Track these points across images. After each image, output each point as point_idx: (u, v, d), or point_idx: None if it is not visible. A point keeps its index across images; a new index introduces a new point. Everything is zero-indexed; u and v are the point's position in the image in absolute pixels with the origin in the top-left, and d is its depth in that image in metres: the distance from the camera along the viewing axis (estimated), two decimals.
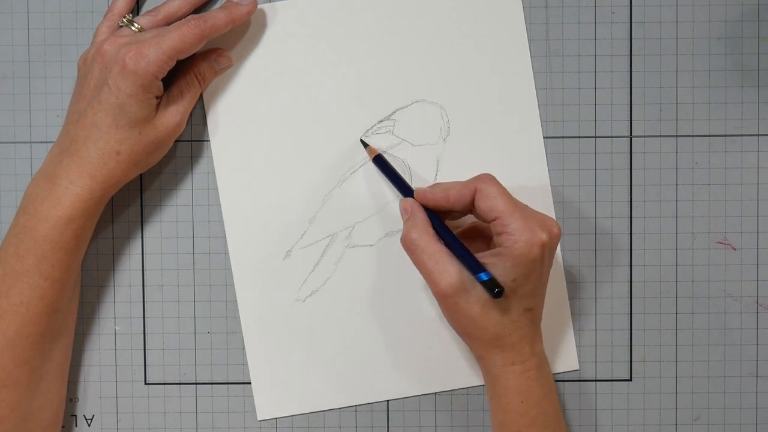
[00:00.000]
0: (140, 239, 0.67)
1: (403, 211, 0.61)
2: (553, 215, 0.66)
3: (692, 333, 0.67)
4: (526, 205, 0.60)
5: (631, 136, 0.66)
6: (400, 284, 0.66)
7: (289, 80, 0.66)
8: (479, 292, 0.58)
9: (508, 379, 0.60)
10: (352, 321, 0.66)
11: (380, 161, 0.64)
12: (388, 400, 0.67)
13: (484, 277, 0.56)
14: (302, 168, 0.66)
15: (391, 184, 0.64)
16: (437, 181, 0.65)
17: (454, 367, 0.66)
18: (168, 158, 0.66)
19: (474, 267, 0.57)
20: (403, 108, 0.66)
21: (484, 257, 0.58)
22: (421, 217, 0.60)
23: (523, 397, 0.59)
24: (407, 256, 0.59)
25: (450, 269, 0.58)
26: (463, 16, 0.66)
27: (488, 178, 0.59)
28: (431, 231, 0.59)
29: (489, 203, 0.58)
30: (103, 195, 0.60)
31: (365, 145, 0.65)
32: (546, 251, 0.58)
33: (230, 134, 0.66)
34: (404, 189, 0.63)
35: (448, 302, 0.58)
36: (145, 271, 0.67)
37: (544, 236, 0.57)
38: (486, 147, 0.66)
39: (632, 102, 0.66)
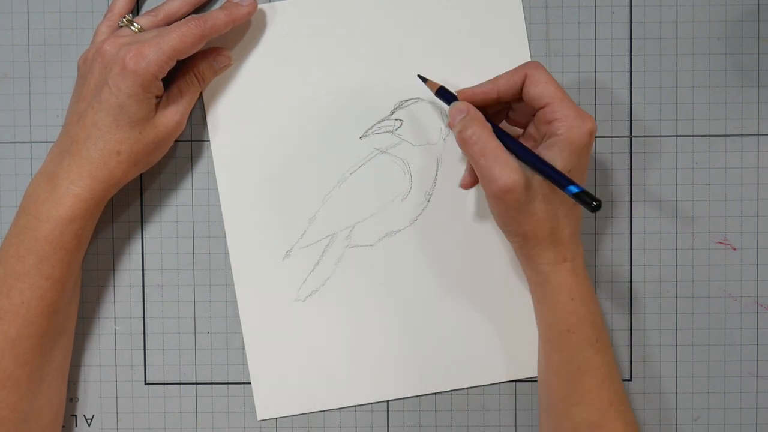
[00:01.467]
0: (140, 239, 0.67)
1: (458, 111, 0.59)
2: None
3: (692, 333, 0.67)
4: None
5: (631, 136, 0.66)
6: (400, 284, 0.66)
7: (289, 80, 0.66)
8: (539, 187, 0.57)
9: (560, 276, 0.59)
10: (352, 321, 0.66)
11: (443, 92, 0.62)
12: (388, 400, 0.67)
13: (575, 190, 0.54)
14: (302, 168, 0.66)
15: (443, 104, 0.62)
16: (437, 181, 0.65)
17: (454, 367, 0.66)
18: (168, 158, 0.66)
19: (564, 181, 0.55)
20: (403, 108, 0.66)
21: (540, 150, 0.57)
22: (477, 115, 0.58)
23: (574, 294, 0.59)
24: (407, 256, 0.58)
25: (511, 164, 0.56)
26: (463, 16, 0.66)
27: (537, 65, 0.58)
28: (489, 128, 0.58)
29: (540, 89, 0.57)
30: (103, 195, 0.60)
31: (424, 80, 0.63)
32: (592, 140, 0.57)
33: (230, 134, 0.66)
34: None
35: (508, 198, 0.56)
36: (145, 271, 0.67)
37: (592, 125, 0.57)
38: None
39: (632, 102, 0.66)
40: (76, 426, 0.67)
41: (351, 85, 0.66)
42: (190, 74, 0.63)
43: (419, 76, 0.64)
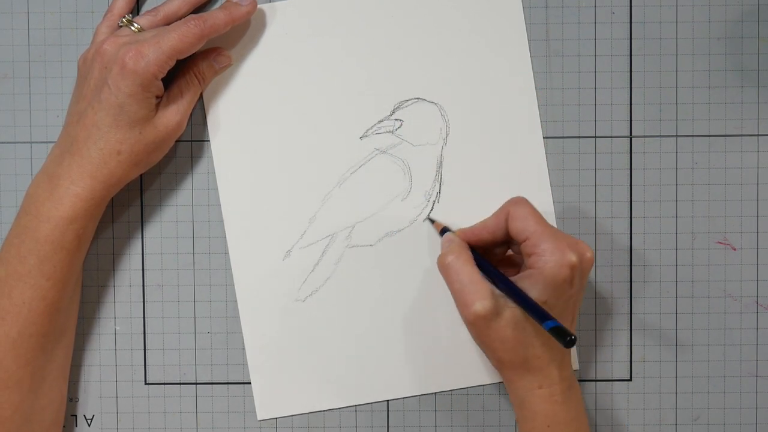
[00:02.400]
0: (140, 239, 0.67)
1: (446, 240, 0.62)
2: (553, 215, 0.66)
3: (692, 333, 0.67)
4: (559, 229, 0.60)
5: (631, 136, 0.66)
6: (400, 284, 0.66)
7: (288, 80, 0.66)
8: (511, 315, 0.57)
9: (535, 403, 0.59)
10: (352, 321, 0.66)
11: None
12: (388, 400, 0.67)
13: (551, 324, 0.55)
14: (302, 168, 0.66)
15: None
16: (436, 182, 0.66)
17: (454, 367, 0.66)
18: (168, 158, 0.66)
19: (540, 315, 0.56)
20: (403, 108, 0.66)
21: (521, 278, 0.58)
22: (461, 244, 0.60)
23: (550, 421, 0.59)
24: (407, 256, 0.59)
25: (483, 291, 0.57)
26: (464, 16, 0.66)
27: (520, 200, 0.60)
28: (469, 257, 0.59)
29: (520, 224, 0.59)
30: (104, 195, 0.60)
31: (432, 221, 0.65)
32: (576, 273, 0.58)
33: (230, 134, 0.66)
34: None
35: (480, 324, 0.57)
36: (145, 271, 0.67)
37: (573, 258, 0.57)
38: (486, 147, 0.66)
39: (632, 102, 0.66)
40: (76, 426, 0.67)
41: (351, 85, 0.66)
42: (190, 74, 0.63)
43: (429, 218, 0.65)
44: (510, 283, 0.58)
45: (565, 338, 0.54)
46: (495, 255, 0.63)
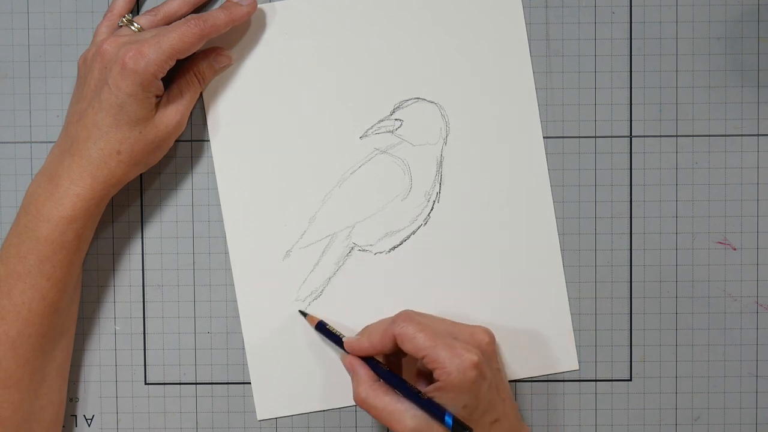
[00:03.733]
0: (140, 239, 0.67)
1: (347, 368, 0.61)
2: (553, 215, 0.66)
3: (692, 333, 0.67)
4: (453, 323, 0.60)
5: (631, 136, 0.66)
6: (399, 284, 0.66)
7: (288, 80, 0.66)
8: (440, 428, 0.57)
9: None
10: (352, 320, 0.66)
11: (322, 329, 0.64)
12: None
13: (449, 421, 0.56)
14: (302, 168, 0.66)
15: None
16: (436, 182, 0.66)
17: None
18: (168, 158, 0.66)
19: (436, 412, 0.56)
20: (403, 108, 0.66)
21: (429, 392, 0.58)
22: (364, 373, 0.60)
23: None
24: (407, 256, 0.59)
25: (404, 418, 0.57)
26: (463, 16, 0.66)
27: (404, 319, 0.59)
28: (376, 384, 0.59)
29: (411, 345, 0.58)
30: (104, 195, 0.60)
31: (304, 315, 0.65)
32: (483, 366, 0.57)
33: (230, 134, 0.66)
34: (340, 344, 0.63)
35: None
36: (145, 271, 0.67)
37: (473, 357, 0.57)
38: (486, 147, 0.66)
39: (632, 102, 0.66)
40: (76, 426, 0.67)
41: (351, 84, 0.66)
42: (190, 74, 0.63)
43: (300, 311, 0.65)
44: (402, 387, 0.58)
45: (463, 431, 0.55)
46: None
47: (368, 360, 0.61)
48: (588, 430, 0.67)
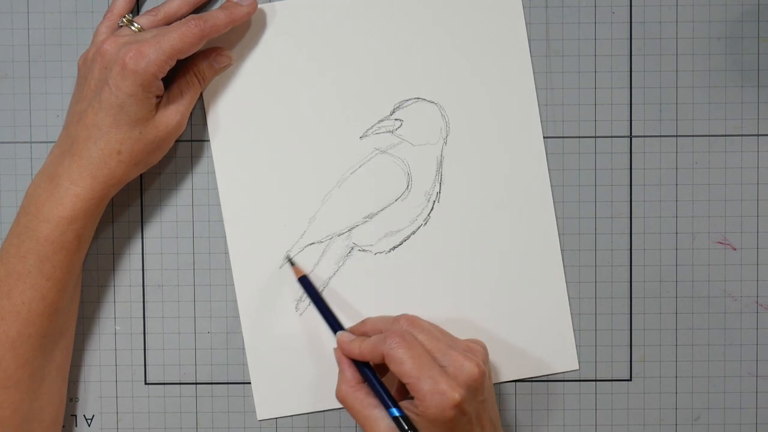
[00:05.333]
0: (140, 239, 0.67)
1: (337, 361, 0.61)
2: (553, 215, 0.66)
3: (692, 333, 0.67)
4: (449, 345, 0.58)
5: (631, 136, 0.66)
6: (399, 284, 0.66)
7: (289, 80, 0.66)
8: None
9: None
10: (352, 320, 0.66)
11: (306, 284, 0.64)
12: None
13: (395, 412, 0.57)
14: (302, 168, 0.66)
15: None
16: (436, 182, 0.66)
17: None
18: (168, 158, 0.66)
19: (389, 403, 0.57)
20: (403, 108, 0.66)
21: (408, 408, 0.58)
22: (350, 374, 0.60)
23: None
24: (407, 256, 0.58)
25: (379, 425, 0.57)
26: (463, 16, 0.66)
27: (397, 340, 0.57)
28: (358, 386, 0.59)
29: (397, 369, 0.57)
30: (104, 195, 0.60)
31: (292, 263, 0.65)
32: (464, 405, 0.56)
33: (230, 134, 0.66)
34: (335, 326, 0.62)
35: None
36: (145, 271, 0.67)
37: (456, 396, 0.55)
38: (486, 147, 0.66)
39: (632, 102, 0.66)
40: (76, 426, 0.67)
41: (351, 85, 0.66)
42: (190, 74, 0.63)
43: (288, 260, 0.65)
44: (375, 386, 0.59)
45: (405, 428, 0.56)
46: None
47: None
48: (588, 430, 0.67)
